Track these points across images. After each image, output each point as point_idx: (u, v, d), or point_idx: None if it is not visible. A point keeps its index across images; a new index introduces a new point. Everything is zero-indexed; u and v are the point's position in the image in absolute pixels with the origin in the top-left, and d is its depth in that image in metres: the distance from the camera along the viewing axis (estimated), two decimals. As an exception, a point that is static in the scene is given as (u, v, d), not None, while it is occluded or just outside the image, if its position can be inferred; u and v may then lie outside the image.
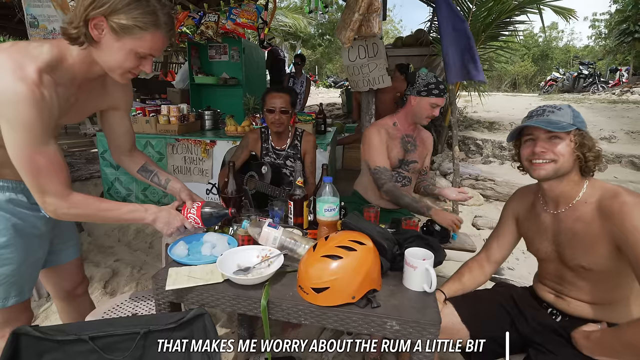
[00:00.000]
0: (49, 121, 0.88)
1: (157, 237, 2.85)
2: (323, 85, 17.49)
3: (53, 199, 0.92)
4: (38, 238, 1.09)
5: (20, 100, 0.81)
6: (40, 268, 1.15)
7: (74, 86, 0.97)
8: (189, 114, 3.16)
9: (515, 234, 1.23)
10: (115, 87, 1.12)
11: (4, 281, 1.01)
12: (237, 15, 3.00)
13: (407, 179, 1.88)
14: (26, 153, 0.86)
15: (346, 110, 7.59)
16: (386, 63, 2.77)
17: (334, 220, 1.22)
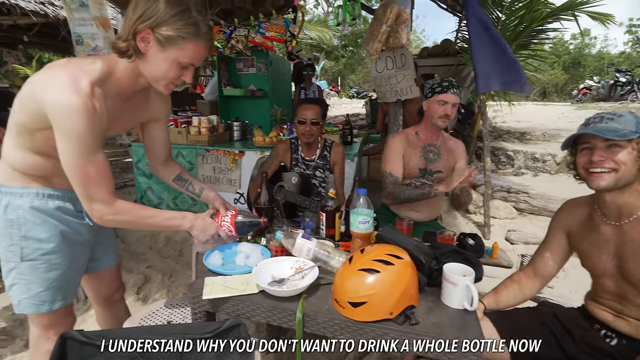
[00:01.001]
0: (99, 132, 0.92)
1: (187, 245, 2.91)
2: (346, 96, 17.56)
3: (100, 206, 0.96)
4: (82, 245, 1.14)
5: (75, 112, 0.86)
6: (82, 274, 1.20)
7: (120, 99, 1.02)
8: (218, 125, 3.25)
9: (565, 248, 1.17)
10: (157, 99, 1.18)
11: (52, 285, 1.06)
12: (266, 29, 3.08)
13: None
14: (78, 162, 0.91)
15: (370, 121, 7.57)
16: (414, 74, 2.75)
17: (368, 233, 1.20)
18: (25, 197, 1.02)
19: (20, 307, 1.06)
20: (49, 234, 1.04)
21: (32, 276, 1.04)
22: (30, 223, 1.02)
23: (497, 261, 1.65)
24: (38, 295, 1.06)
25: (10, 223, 1.02)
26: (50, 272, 1.05)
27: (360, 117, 8.74)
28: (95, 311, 1.40)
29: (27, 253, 1.03)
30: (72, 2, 2.96)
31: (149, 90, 1.12)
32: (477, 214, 3.39)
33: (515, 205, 3.50)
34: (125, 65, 0.97)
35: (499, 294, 1.20)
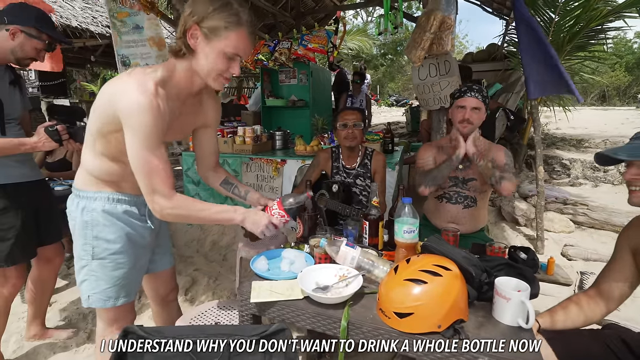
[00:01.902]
0: (162, 129, 1.01)
1: (231, 250, 3.02)
2: (385, 104, 17.41)
3: (161, 199, 1.02)
4: (144, 247, 1.23)
5: (142, 110, 0.96)
6: (143, 274, 1.29)
7: (179, 100, 1.11)
8: (261, 134, 3.36)
9: (633, 268, 1.06)
10: (209, 105, 1.26)
11: (117, 283, 1.16)
12: (308, 41, 3.17)
13: (470, 199, 1.73)
14: (144, 155, 0.99)
15: (411, 129, 7.43)
16: (459, 80, 2.67)
17: (413, 243, 1.18)
18: (98, 201, 1.12)
19: (89, 302, 1.16)
20: (117, 235, 1.14)
21: (101, 273, 1.14)
22: (101, 225, 1.12)
23: (554, 278, 1.54)
24: (105, 291, 1.15)
25: (85, 224, 1.12)
26: (116, 271, 1.15)
27: (400, 125, 8.61)
28: (152, 309, 1.49)
29: (97, 252, 1.13)
30: (124, 26, 3.19)
31: (202, 96, 1.21)
32: (529, 226, 3.18)
33: (573, 219, 3.24)
34: (182, 66, 1.06)
35: (555, 314, 1.11)
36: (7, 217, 1.53)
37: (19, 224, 1.56)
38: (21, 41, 1.48)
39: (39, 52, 1.54)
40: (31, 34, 1.48)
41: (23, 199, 1.59)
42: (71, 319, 2.15)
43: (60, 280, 2.55)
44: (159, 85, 1.01)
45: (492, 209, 3.48)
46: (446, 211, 1.74)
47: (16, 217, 1.55)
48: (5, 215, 1.53)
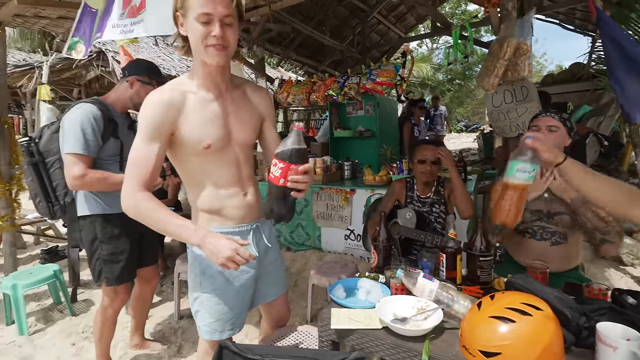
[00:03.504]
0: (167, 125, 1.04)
1: (301, 277, 3.12)
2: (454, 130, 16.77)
3: (127, 189, 1.03)
4: (247, 280, 1.21)
5: (147, 104, 1.04)
6: (248, 307, 1.27)
7: (217, 90, 1.12)
8: (331, 165, 3.51)
9: None
10: (255, 95, 1.23)
11: (221, 317, 1.18)
12: (376, 75, 3.30)
13: (559, 235, 1.53)
14: (136, 142, 1.04)
15: (484, 156, 7.03)
16: (539, 105, 2.53)
17: (524, 185, 1.02)
18: None
19: (200, 332, 1.21)
20: (219, 271, 1.15)
21: (208, 307, 1.18)
22: (206, 259, 1.13)
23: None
24: (211, 324, 1.18)
25: (195, 258, 1.18)
26: (218, 305, 1.17)
27: (471, 151, 8.20)
28: (263, 328, 1.55)
29: (204, 286, 1.17)
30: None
31: (243, 88, 1.21)
32: (636, 266, 2.75)
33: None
34: (194, 63, 1.10)
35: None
36: (121, 242, 1.78)
37: (128, 249, 1.80)
38: (137, 88, 1.78)
39: None
40: (144, 81, 1.78)
41: (133, 227, 1.85)
42: (164, 332, 2.40)
43: (155, 296, 2.88)
44: (177, 84, 1.08)
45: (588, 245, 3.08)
46: (531, 248, 1.61)
47: (127, 243, 1.80)
48: (119, 241, 1.78)
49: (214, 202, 1.15)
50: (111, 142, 1.70)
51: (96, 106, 1.66)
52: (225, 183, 1.15)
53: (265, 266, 1.30)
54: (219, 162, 1.13)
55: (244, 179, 1.20)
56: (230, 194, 1.16)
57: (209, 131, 1.08)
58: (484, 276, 1.30)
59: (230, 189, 1.16)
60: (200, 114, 1.08)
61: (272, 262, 1.33)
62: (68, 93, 7.05)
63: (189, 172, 1.15)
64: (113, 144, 1.72)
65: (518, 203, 1.06)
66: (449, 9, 15.66)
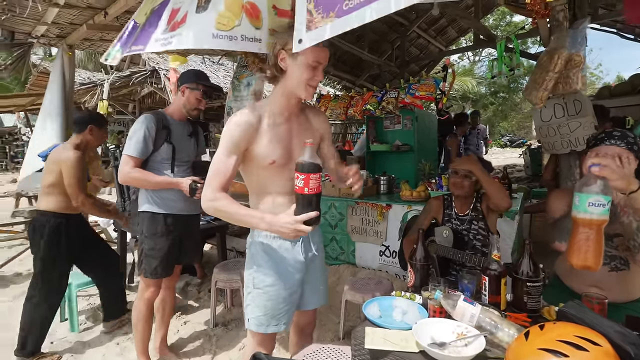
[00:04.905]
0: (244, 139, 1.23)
1: (334, 292, 3.08)
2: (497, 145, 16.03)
3: (208, 191, 1.21)
4: (294, 282, 1.36)
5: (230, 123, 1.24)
6: (294, 308, 1.40)
7: (283, 117, 1.30)
8: (367, 179, 3.48)
9: None
10: (315, 119, 1.43)
11: (267, 312, 1.32)
12: (415, 90, 3.26)
13: (620, 260, 1.39)
14: (217, 154, 1.23)
15: (531, 172, 6.63)
16: (594, 120, 2.35)
17: (601, 220, 0.94)
18: (261, 237, 1.34)
19: (248, 324, 1.35)
20: (271, 270, 1.31)
21: (258, 301, 1.32)
22: (260, 259, 1.33)
23: None
24: (258, 317, 1.32)
25: (252, 256, 1.35)
26: (268, 301, 1.31)
27: (517, 168, 7.78)
28: (291, 339, 1.63)
29: (256, 282, 1.33)
30: (240, 85, 3.78)
31: (307, 114, 1.40)
32: None
33: None
34: (278, 89, 1.29)
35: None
36: (161, 240, 1.93)
37: (166, 248, 1.94)
38: (187, 95, 1.97)
39: (199, 101, 1.99)
40: (192, 87, 1.96)
41: (176, 228, 1.98)
42: (199, 337, 2.47)
43: (193, 303, 2.99)
44: (256, 107, 1.26)
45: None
46: (586, 273, 1.46)
47: (166, 242, 1.94)
48: (160, 239, 1.93)
49: (271, 209, 1.30)
50: (164, 147, 1.91)
51: (154, 116, 1.89)
52: (282, 193, 1.32)
53: (311, 273, 1.43)
54: (280, 175, 1.30)
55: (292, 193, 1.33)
56: (286, 202, 1.30)
57: (275, 150, 1.26)
58: (532, 303, 1.21)
59: (286, 198, 1.31)
60: (271, 135, 1.26)
61: (317, 270, 1.46)
62: (124, 107, 7.68)
63: (254, 182, 1.34)
64: (166, 149, 1.92)
65: (597, 241, 0.95)
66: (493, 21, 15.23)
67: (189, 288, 3.19)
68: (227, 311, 2.80)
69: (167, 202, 1.95)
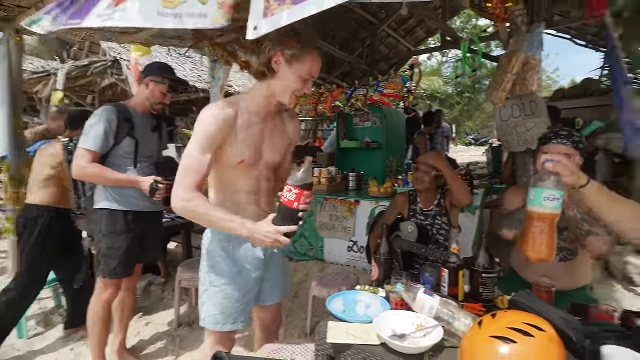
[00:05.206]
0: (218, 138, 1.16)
1: (302, 288, 3.09)
2: (462, 143, 16.67)
3: (181, 190, 1.14)
4: (252, 280, 1.34)
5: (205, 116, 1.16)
6: (251, 306, 1.39)
7: (259, 117, 1.26)
8: (336, 175, 3.50)
9: None
10: (290, 123, 1.40)
11: (224, 311, 1.29)
12: (384, 87, 3.31)
13: (568, 251, 1.50)
14: (190, 150, 1.16)
15: (492, 170, 6.95)
16: (548, 121, 2.50)
17: (555, 214, 0.97)
18: (218, 235, 1.31)
19: (204, 322, 1.32)
20: (228, 267, 1.29)
21: (214, 300, 1.29)
22: (218, 256, 1.30)
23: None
24: (214, 316, 1.30)
25: (209, 254, 1.32)
26: (224, 300, 1.29)
27: (480, 165, 8.13)
28: (255, 335, 1.61)
29: (213, 280, 1.30)
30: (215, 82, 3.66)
31: (283, 117, 1.37)
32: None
33: None
34: (261, 87, 1.24)
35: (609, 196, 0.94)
36: (121, 239, 1.84)
37: (126, 247, 1.85)
38: (151, 89, 1.87)
39: (164, 95, 1.91)
40: (157, 80, 1.87)
41: (137, 226, 1.89)
42: (162, 338, 2.38)
43: (155, 303, 2.88)
44: (233, 103, 1.21)
45: (597, 264, 2.99)
46: (537, 264, 1.56)
47: (125, 241, 1.85)
48: (120, 238, 1.84)
49: (233, 208, 1.27)
50: (127, 141, 1.82)
51: (115, 108, 1.79)
52: (244, 192, 1.30)
53: (271, 269, 1.42)
54: (245, 175, 1.28)
55: (261, 192, 1.34)
56: (248, 202, 1.30)
57: (246, 150, 1.23)
58: (487, 293, 1.26)
59: (248, 198, 1.30)
60: (245, 134, 1.22)
61: (277, 267, 1.45)
62: (82, 100, 7.22)
63: (217, 178, 1.30)
64: (128, 143, 1.82)
65: (551, 234, 0.99)
66: (460, 24, 15.76)
67: (152, 288, 3.07)
68: (192, 311, 2.72)
69: (128, 198, 1.85)
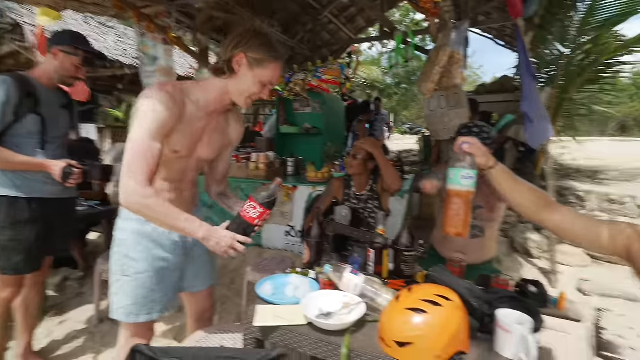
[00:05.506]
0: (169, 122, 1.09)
1: (239, 274, 3.04)
2: (399, 132, 17.57)
3: (133, 183, 1.02)
4: (171, 267, 1.28)
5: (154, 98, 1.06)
6: (170, 294, 1.32)
7: (205, 112, 1.20)
8: (275, 160, 3.46)
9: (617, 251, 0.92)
10: (235, 123, 1.36)
11: (139, 301, 1.23)
12: (322, 73, 3.32)
13: (478, 228, 1.70)
14: (141, 136, 1.04)
15: (423, 157, 7.45)
16: (468, 112, 2.73)
17: (470, 191, 1.06)
18: (131, 223, 1.22)
19: (116, 314, 1.24)
20: (142, 255, 1.22)
21: (127, 290, 1.22)
22: (130, 244, 1.22)
23: (564, 313, 1.49)
24: (128, 307, 1.22)
25: (119, 242, 1.23)
26: (139, 289, 1.22)
27: (413, 153, 8.65)
28: (188, 325, 1.54)
29: (126, 269, 1.22)
30: (147, 58, 3.32)
31: (229, 116, 1.33)
32: (542, 259, 3.10)
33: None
34: (217, 84, 1.18)
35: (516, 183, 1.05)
36: (25, 230, 1.63)
37: (32, 238, 1.65)
38: (61, 60, 1.65)
39: (77, 69, 1.69)
40: (68, 51, 1.65)
41: (44, 215, 1.68)
42: (79, 336, 2.19)
43: (73, 298, 2.62)
44: (183, 90, 1.13)
45: (504, 240, 3.42)
46: (453, 241, 1.74)
47: (32, 231, 1.65)
48: (24, 228, 1.63)
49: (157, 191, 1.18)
50: (30, 118, 1.60)
51: (14, 79, 1.54)
52: (171, 180, 1.25)
53: (194, 257, 1.38)
54: (172, 164, 1.22)
55: (186, 181, 1.30)
56: (172, 188, 1.26)
57: (183, 142, 1.17)
58: (408, 270, 1.36)
59: (173, 185, 1.26)
60: (187, 125, 1.16)
61: (200, 254, 1.40)
62: (-25, 68, 6.11)
63: None
64: (33, 121, 1.61)
65: (466, 211, 1.07)
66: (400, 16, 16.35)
67: (69, 283, 2.78)
68: (117, 304, 2.53)
69: (32, 183, 1.63)
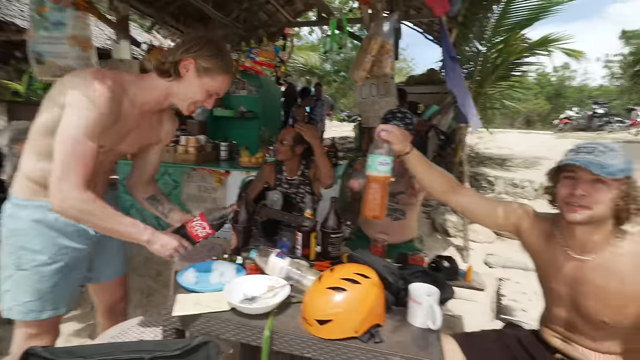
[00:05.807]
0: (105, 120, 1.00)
1: (167, 266, 2.88)
2: (337, 119, 17.90)
3: (69, 186, 0.95)
4: (78, 257, 1.17)
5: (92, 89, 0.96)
6: (77, 286, 1.22)
7: (140, 109, 1.13)
8: (206, 144, 3.29)
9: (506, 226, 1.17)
10: (168, 122, 1.29)
11: (41, 296, 1.10)
12: (256, 55, 3.21)
13: (399, 212, 1.85)
14: (77, 135, 0.95)
15: (358, 144, 7.72)
16: (396, 101, 2.87)
17: (387, 177, 1.10)
18: (28, 210, 1.07)
19: (9, 313, 1.10)
20: (44, 246, 1.09)
21: (25, 285, 1.09)
22: (27, 234, 1.07)
23: (470, 284, 1.69)
24: (26, 304, 1.09)
25: (11, 232, 1.08)
26: (40, 283, 1.09)
27: (349, 140, 8.90)
28: (98, 320, 1.42)
29: (21, 263, 1.08)
30: (44, 21, 2.83)
31: (162, 115, 1.26)
32: (458, 237, 3.45)
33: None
34: (160, 84, 1.12)
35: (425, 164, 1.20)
36: None
37: None
38: None
39: None
40: None
41: None
42: (-29, 345, 1.89)
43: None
44: (123, 85, 1.05)
45: (426, 222, 3.73)
46: (377, 223, 1.85)
47: None
48: None
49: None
50: None
51: None
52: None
53: (103, 246, 1.29)
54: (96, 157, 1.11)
55: (101, 172, 1.21)
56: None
57: (111, 136, 1.08)
58: (334, 251, 1.41)
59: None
60: (120, 120, 1.07)
61: (111, 242, 1.31)
62: None
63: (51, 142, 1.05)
64: None
65: (383, 194, 1.12)
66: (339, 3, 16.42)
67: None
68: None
69: None
